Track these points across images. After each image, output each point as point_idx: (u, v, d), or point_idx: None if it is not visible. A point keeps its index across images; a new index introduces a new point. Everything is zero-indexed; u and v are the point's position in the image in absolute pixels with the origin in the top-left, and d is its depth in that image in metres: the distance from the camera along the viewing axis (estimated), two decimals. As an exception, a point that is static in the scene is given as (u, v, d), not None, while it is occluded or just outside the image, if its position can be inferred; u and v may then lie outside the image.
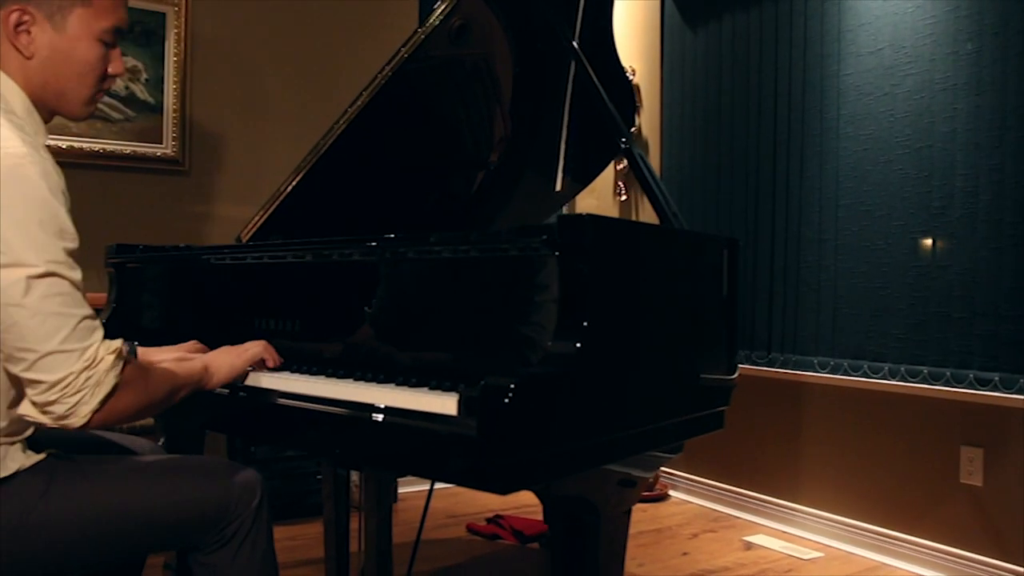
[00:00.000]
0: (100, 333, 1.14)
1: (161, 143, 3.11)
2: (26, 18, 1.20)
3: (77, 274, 1.12)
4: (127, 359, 1.17)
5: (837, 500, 2.97)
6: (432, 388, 1.25)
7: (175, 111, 3.13)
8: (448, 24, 1.95)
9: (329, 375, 1.42)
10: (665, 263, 1.44)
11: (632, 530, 3.22)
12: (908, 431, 2.74)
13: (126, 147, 3.05)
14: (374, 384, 1.32)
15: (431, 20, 1.88)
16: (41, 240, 1.08)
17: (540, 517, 3.02)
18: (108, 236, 2.23)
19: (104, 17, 1.25)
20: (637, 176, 1.70)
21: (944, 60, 2.61)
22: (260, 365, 1.48)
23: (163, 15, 3.11)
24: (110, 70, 1.29)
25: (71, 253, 1.12)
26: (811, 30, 3.06)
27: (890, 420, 2.80)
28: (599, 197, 4.03)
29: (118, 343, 1.16)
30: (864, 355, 2.87)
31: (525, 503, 3.42)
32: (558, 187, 2.31)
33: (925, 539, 2.67)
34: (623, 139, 1.75)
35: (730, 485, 3.39)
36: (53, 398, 1.09)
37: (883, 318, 2.81)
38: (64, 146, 2.92)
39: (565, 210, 3.97)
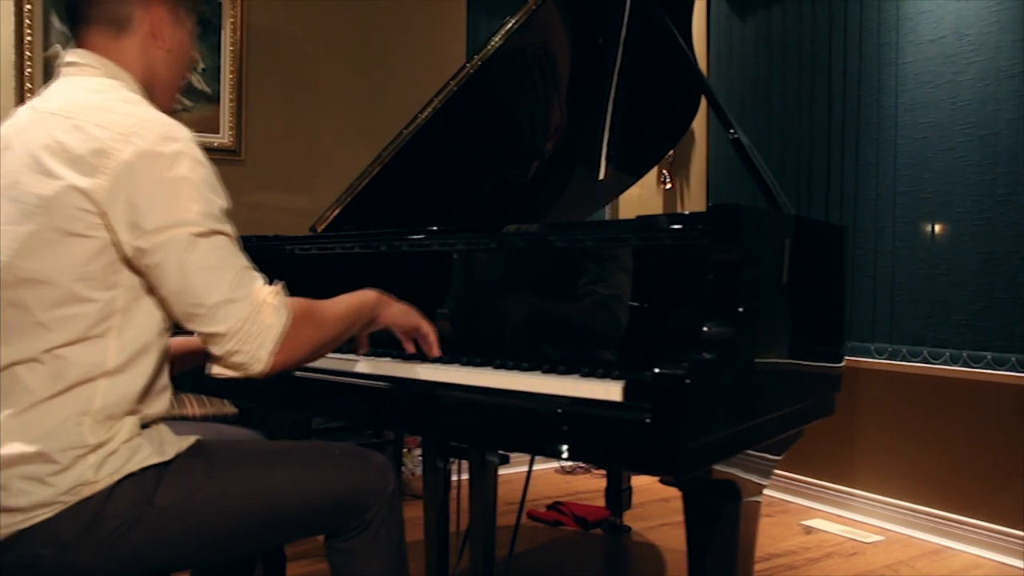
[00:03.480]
0: (260, 280, 1.17)
1: (218, 132, 3.11)
2: (169, 16, 1.27)
3: (230, 228, 1.17)
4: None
5: (895, 484, 3.00)
6: (584, 375, 1.26)
7: (232, 101, 3.13)
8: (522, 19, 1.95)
9: (464, 363, 1.43)
10: (797, 250, 1.46)
11: (692, 515, 3.20)
12: (971, 416, 2.77)
13: (184, 137, 3.04)
14: (516, 372, 1.33)
15: (516, 17, 1.89)
16: (203, 198, 1.12)
17: (598, 503, 3.06)
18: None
19: (193, 13, 1.36)
20: (747, 166, 1.72)
21: (1011, 47, 2.63)
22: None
23: (219, 4, 3.11)
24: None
25: (224, 210, 1.16)
26: (867, 19, 3.07)
27: (952, 405, 2.83)
28: (642, 186, 4.03)
29: (277, 286, 1.18)
30: (924, 341, 2.90)
31: (580, 490, 3.45)
32: (600, 175, 2.33)
33: (989, 522, 2.71)
34: (731, 130, 1.76)
35: (783, 470, 3.42)
36: (234, 347, 1.12)
37: (944, 305, 2.84)
38: (125, 136, 2.92)
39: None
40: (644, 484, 3.48)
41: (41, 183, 1.10)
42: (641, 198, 4.07)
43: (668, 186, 3.91)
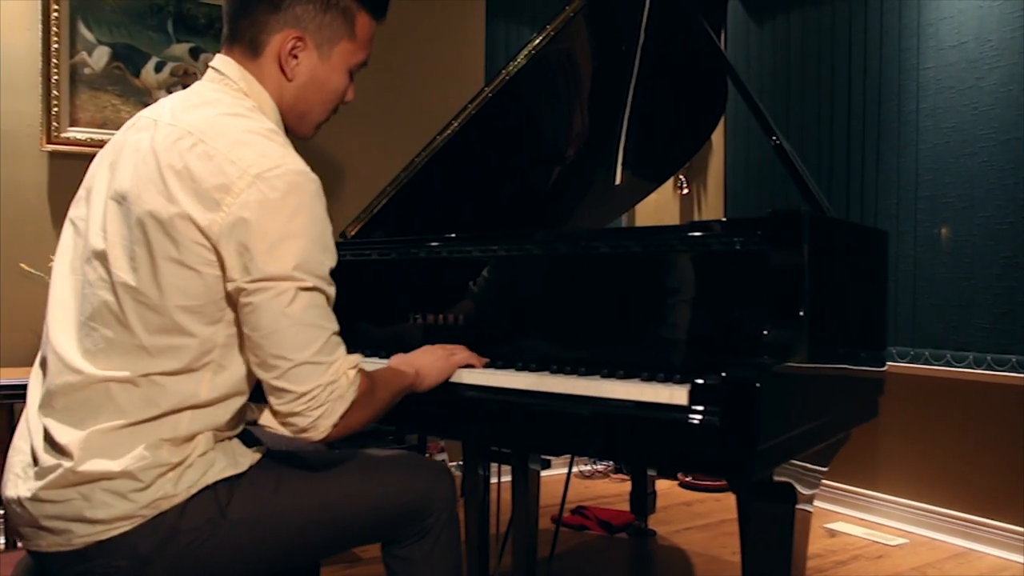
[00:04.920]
0: (343, 348, 1.16)
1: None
2: (300, 44, 1.24)
3: (333, 290, 1.16)
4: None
5: (919, 487, 3.01)
6: (645, 379, 1.27)
7: (255, 108, 3.13)
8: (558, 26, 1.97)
9: (519, 369, 1.44)
10: (848, 254, 1.48)
11: (715, 518, 3.24)
12: (994, 419, 2.79)
13: (208, 144, 3.05)
14: (575, 376, 1.34)
15: (554, 24, 1.91)
16: (314, 255, 1.12)
17: (621, 508, 3.06)
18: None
19: (361, 52, 1.34)
20: (790, 172, 1.73)
21: (1033, 53, 2.65)
22: None
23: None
24: (346, 98, 1.36)
25: (331, 270, 1.16)
26: (888, 24, 3.09)
27: (975, 408, 2.84)
28: (659, 191, 4.04)
29: (357, 358, 1.18)
30: (946, 345, 2.92)
31: (599, 494, 3.45)
32: (617, 180, 2.35)
33: (1014, 524, 2.72)
34: (774, 136, 1.77)
35: (803, 474, 3.43)
36: (298, 409, 1.11)
37: (967, 308, 2.86)
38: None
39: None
40: (666, 488, 3.49)
41: (163, 208, 1.09)
42: (658, 203, 4.08)
43: (685, 191, 3.93)
